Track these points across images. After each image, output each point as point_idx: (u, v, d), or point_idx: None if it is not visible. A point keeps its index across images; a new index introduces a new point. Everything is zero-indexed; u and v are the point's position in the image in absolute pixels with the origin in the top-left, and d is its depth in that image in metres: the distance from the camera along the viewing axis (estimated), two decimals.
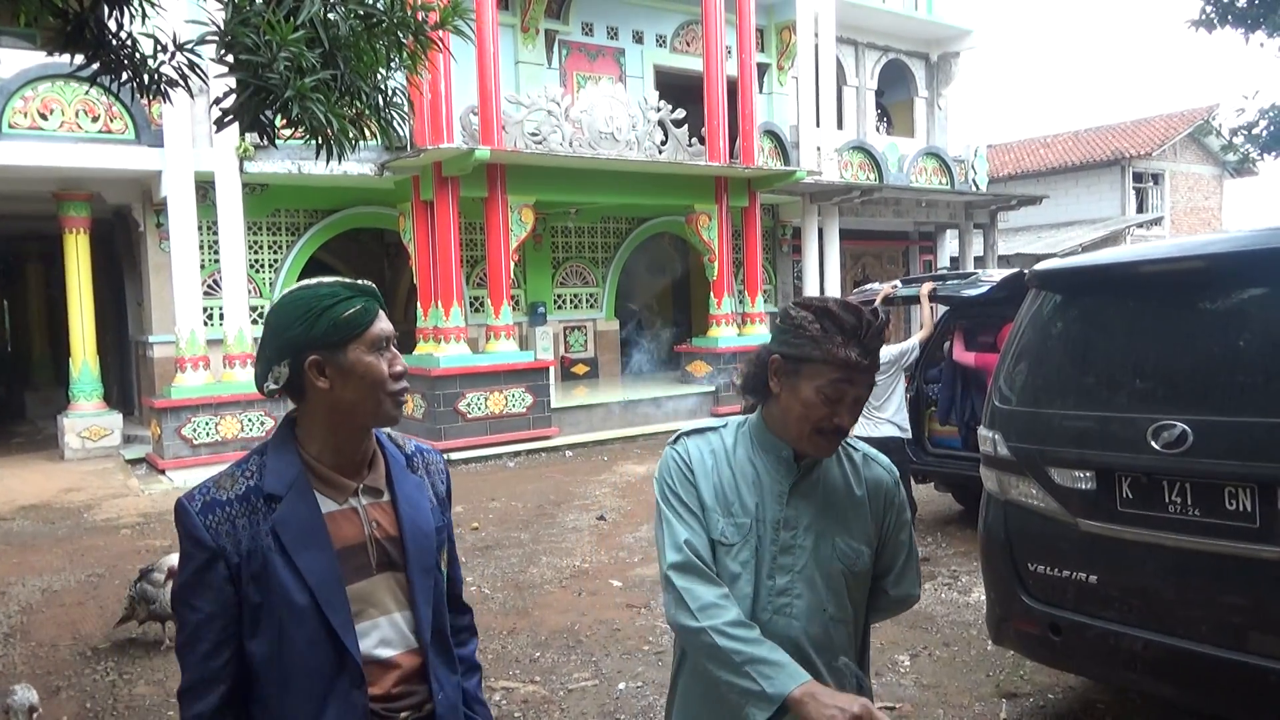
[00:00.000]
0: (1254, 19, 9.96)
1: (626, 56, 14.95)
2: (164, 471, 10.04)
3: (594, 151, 11.66)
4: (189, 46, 3.34)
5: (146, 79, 3.54)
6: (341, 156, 3.56)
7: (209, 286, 11.28)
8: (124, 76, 3.55)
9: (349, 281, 1.58)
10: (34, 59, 9.53)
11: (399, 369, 1.57)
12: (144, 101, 10.08)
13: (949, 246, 19.82)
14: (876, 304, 4.33)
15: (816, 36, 15.36)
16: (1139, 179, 24.69)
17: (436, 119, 10.61)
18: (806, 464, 1.79)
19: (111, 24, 3.47)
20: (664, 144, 12.44)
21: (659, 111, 12.40)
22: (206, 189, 10.71)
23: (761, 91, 15.94)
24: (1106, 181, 24.49)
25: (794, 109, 15.97)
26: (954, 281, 6.89)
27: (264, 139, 3.44)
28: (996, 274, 6.67)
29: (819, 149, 15.37)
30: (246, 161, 10.74)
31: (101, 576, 6.41)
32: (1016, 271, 6.55)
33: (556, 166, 11.59)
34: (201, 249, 10.87)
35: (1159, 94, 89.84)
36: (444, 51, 3.88)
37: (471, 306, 13.32)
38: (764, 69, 16.33)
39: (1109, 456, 3.13)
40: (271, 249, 12.18)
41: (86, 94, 9.89)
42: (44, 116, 9.78)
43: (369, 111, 3.61)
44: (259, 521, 1.51)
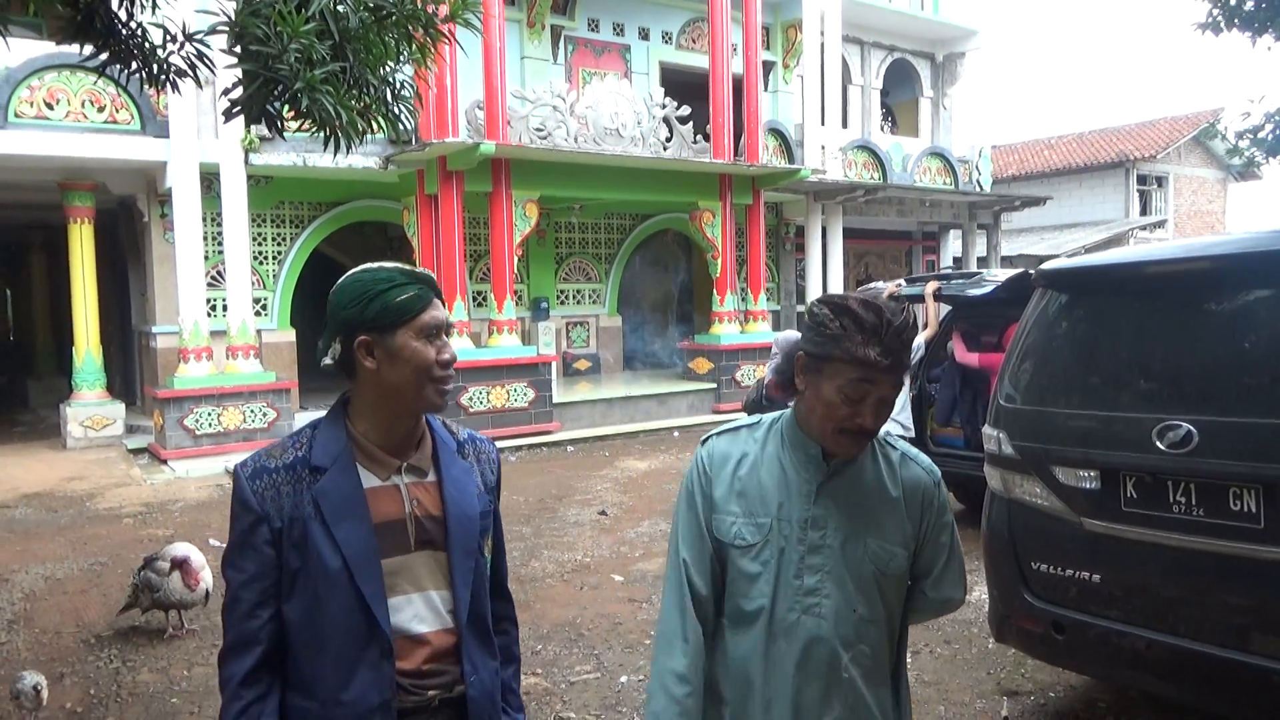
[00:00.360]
0: (1261, 22, 9.94)
1: (632, 53, 14.94)
2: (166, 461, 10.06)
3: (599, 147, 11.66)
4: (198, 37, 3.35)
5: (155, 69, 3.55)
6: (350, 149, 3.57)
7: (212, 278, 11.29)
8: (133, 66, 3.56)
9: (408, 269, 1.63)
10: (40, 48, 9.54)
11: (446, 358, 1.61)
12: (150, 92, 10.10)
13: (952, 247, 19.82)
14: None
15: (822, 35, 15.35)
16: (1143, 181, 24.68)
17: (442, 113, 10.61)
18: (837, 463, 1.74)
19: (121, 13, 3.48)
20: (669, 141, 12.44)
21: (664, 108, 12.40)
22: (211, 180, 10.72)
23: (767, 90, 15.93)
24: (1110, 184, 24.48)
25: (799, 107, 15.96)
26: (958, 281, 6.89)
27: (272, 130, 3.44)
28: (1001, 274, 6.66)
29: (824, 148, 15.37)
30: (251, 153, 10.74)
31: (104, 565, 6.42)
32: (1021, 272, 6.55)
33: (561, 162, 11.60)
34: (205, 240, 10.89)
35: (1164, 97, 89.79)
36: (453, 44, 3.88)
37: (474, 301, 13.33)
38: (769, 67, 16.32)
39: (1114, 456, 3.14)
40: (275, 241, 12.19)
41: (95, 84, 9.91)
42: (50, 106, 9.79)
43: (375, 105, 3.62)
44: (303, 490, 1.57)
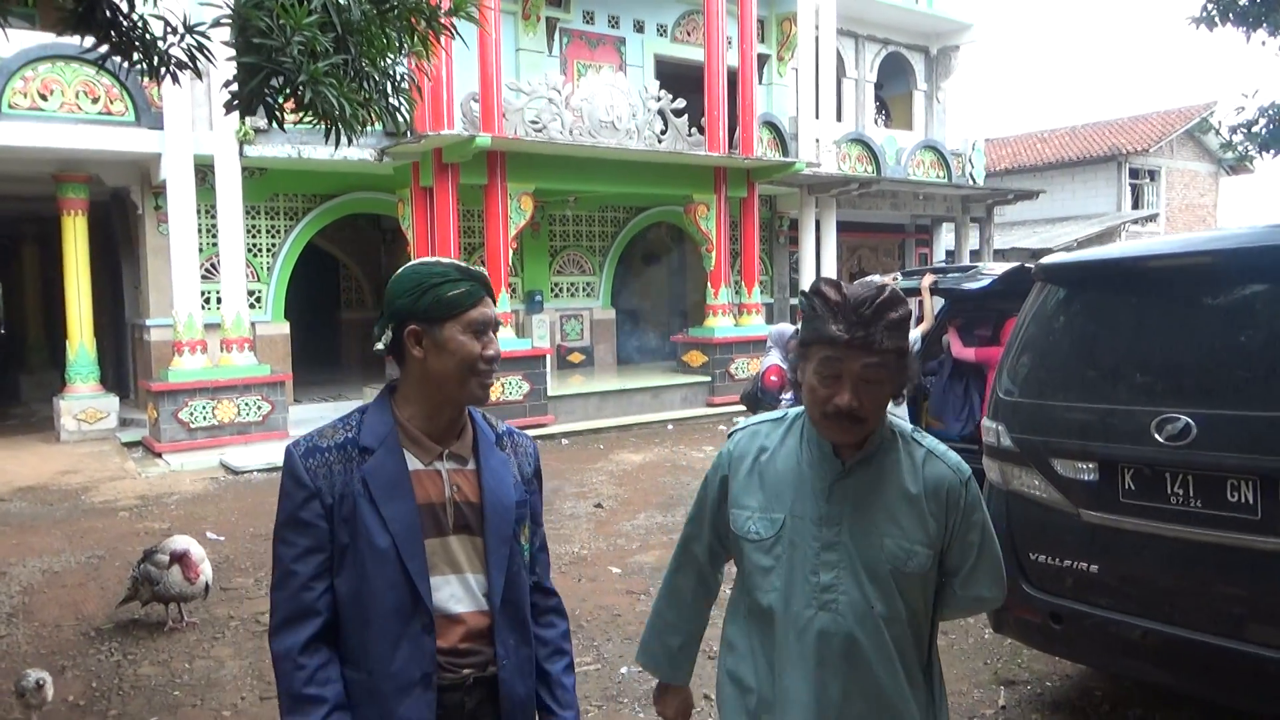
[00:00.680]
0: (1255, 17, 9.99)
1: (627, 45, 14.92)
2: (160, 455, 10.03)
3: (594, 140, 11.65)
4: (202, 28, 3.35)
5: (156, 60, 3.55)
6: (351, 141, 3.57)
7: (207, 270, 11.25)
8: (134, 58, 3.55)
9: (463, 266, 1.73)
10: (34, 39, 9.48)
11: (490, 353, 1.70)
12: (145, 83, 10.04)
13: (945, 240, 19.86)
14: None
15: (817, 28, 15.36)
16: (1135, 175, 24.76)
17: (437, 105, 10.59)
18: (855, 460, 1.74)
19: (123, 5, 3.47)
20: (664, 134, 12.43)
21: (659, 101, 12.39)
22: (206, 172, 10.68)
23: (761, 82, 15.92)
24: (1103, 177, 24.54)
25: (793, 100, 15.97)
26: (954, 274, 6.92)
27: (272, 122, 3.45)
28: (997, 267, 6.69)
29: (818, 141, 15.38)
30: (246, 145, 10.71)
31: (102, 558, 6.42)
32: (1018, 265, 6.58)
33: (556, 154, 11.59)
34: (200, 232, 10.85)
35: (1156, 90, 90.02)
36: (456, 37, 3.89)
37: None
38: (764, 60, 16.30)
39: (1112, 448, 3.17)
40: (270, 233, 12.15)
41: (90, 75, 9.85)
42: (44, 97, 9.73)
43: (375, 97, 3.62)
44: (352, 469, 1.66)
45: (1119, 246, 4.02)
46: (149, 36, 3.50)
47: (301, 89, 3.13)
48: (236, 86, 3.20)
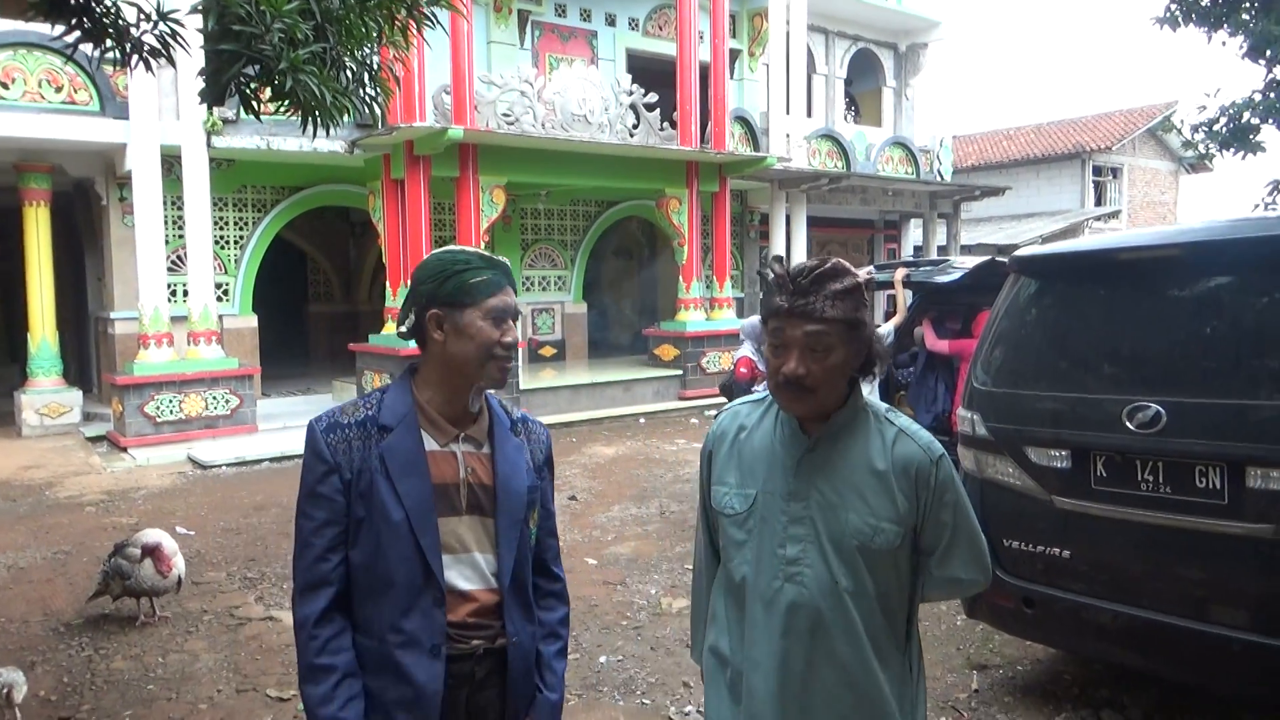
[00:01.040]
0: (1216, 18, 10.19)
1: (599, 39, 14.91)
2: (126, 449, 9.89)
3: (566, 133, 11.64)
4: (178, 16, 3.30)
5: (129, 48, 3.50)
6: (330, 131, 3.55)
7: (173, 262, 11.10)
8: (106, 45, 3.50)
9: (486, 255, 1.79)
10: None
11: (508, 340, 1.76)
12: (110, 72, 9.86)
13: (913, 235, 20.06)
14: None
15: (788, 24, 15.44)
16: (1098, 172, 25.16)
17: (409, 97, 10.51)
18: (821, 435, 1.77)
19: None
20: (636, 128, 12.44)
21: (631, 95, 12.40)
22: (172, 163, 10.53)
23: (733, 78, 15.98)
24: (1067, 174, 24.93)
25: (764, 96, 16.04)
26: (926, 268, 7.00)
27: (248, 111, 3.41)
28: (968, 261, 6.79)
29: (788, 136, 15.47)
30: (214, 136, 10.56)
31: (69, 554, 6.32)
32: (988, 259, 6.68)
33: (529, 147, 11.55)
34: (166, 224, 10.69)
35: (1120, 89, 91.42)
36: (435, 27, 3.86)
37: None
38: (735, 55, 16.37)
39: (1085, 436, 3.25)
40: (237, 225, 12.01)
41: (53, 64, 9.66)
42: (5, 86, 9.53)
43: (352, 86, 3.60)
44: (371, 446, 1.73)
45: (1091, 239, 4.10)
46: (121, 23, 3.45)
47: (281, 77, 3.10)
48: (211, 75, 3.16)
